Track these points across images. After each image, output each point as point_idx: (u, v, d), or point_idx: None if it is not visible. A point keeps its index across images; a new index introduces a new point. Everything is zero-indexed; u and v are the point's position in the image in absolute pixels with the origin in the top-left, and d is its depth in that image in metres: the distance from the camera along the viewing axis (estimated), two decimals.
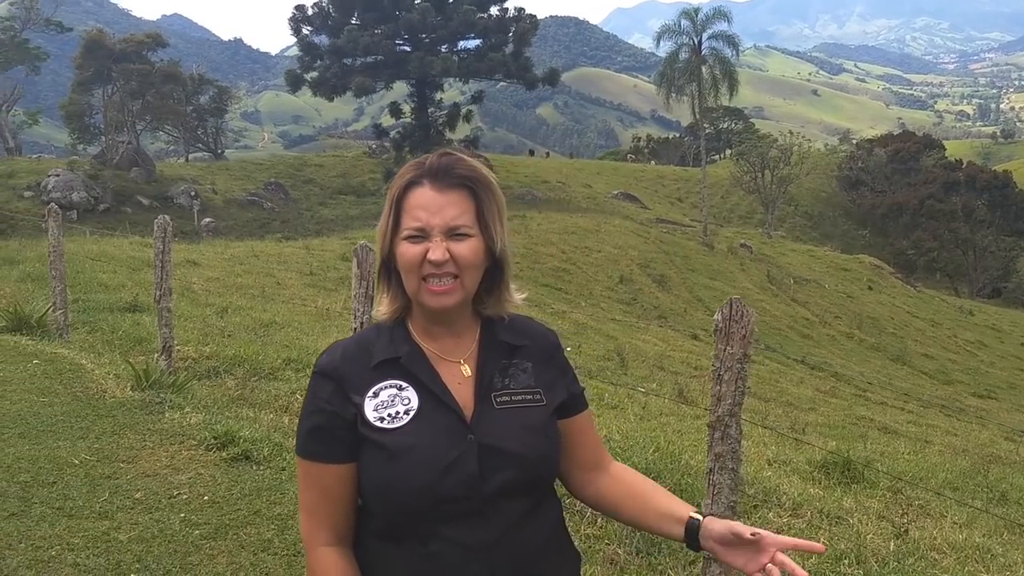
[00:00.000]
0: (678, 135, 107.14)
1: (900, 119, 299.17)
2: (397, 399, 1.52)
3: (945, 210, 58.17)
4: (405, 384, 1.53)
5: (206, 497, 4.46)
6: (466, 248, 1.52)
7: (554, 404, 1.61)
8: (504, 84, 54.33)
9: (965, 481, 7.24)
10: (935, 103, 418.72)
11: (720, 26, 40.53)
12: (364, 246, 4.58)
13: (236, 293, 13.12)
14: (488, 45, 44.42)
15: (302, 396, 1.62)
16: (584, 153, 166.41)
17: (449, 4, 43.19)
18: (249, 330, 9.88)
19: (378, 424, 1.49)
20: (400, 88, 46.17)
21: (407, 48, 43.78)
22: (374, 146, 51.07)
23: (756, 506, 4.81)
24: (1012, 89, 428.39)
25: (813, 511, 4.83)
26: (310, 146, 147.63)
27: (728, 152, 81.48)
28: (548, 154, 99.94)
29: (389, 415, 1.50)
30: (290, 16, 44.89)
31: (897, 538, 4.56)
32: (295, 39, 46.10)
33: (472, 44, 45.96)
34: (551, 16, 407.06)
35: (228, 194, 39.00)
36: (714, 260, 34.51)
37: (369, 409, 1.51)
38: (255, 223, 35.76)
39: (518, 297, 1.65)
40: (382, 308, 1.62)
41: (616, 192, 52.85)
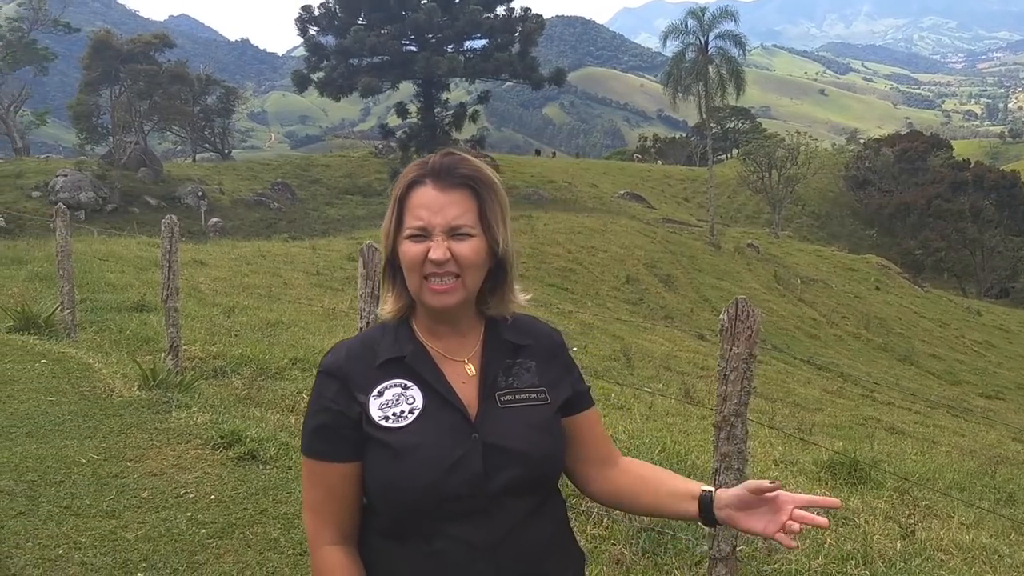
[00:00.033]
0: (685, 135, 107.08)
1: (907, 119, 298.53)
2: (402, 398, 1.52)
3: (953, 210, 57.99)
4: (410, 383, 1.54)
5: (212, 496, 4.47)
6: (467, 248, 1.52)
7: (558, 402, 1.61)
8: (510, 84, 54.35)
9: (972, 482, 7.22)
10: (943, 103, 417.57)
11: (727, 25, 40.47)
12: (370, 246, 4.58)
13: (243, 293, 13.15)
14: (494, 45, 44.45)
15: (308, 396, 1.62)
16: (590, 153, 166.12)
17: (455, 4, 43.25)
18: (256, 330, 9.90)
19: (383, 423, 1.50)
20: (406, 88, 46.24)
21: (413, 48, 43.85)
22: (380, 146, 51.15)
23: None
24: (1020, 88, 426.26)
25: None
26: (316, 146, 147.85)
27: (735, 152, 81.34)
28: (554, 154, 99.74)
29: (394, 414, 1.51)
30: (297, 17, 45.06)
31: (904, 539, 4.55)
32: (302, 39, 46.20)
33: (478, 44, 46.00)
34: (557, 16, 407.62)
35: (235, 194, 39.09)
36: (721, 260, 34.45)
37: (374, 408, 1.51)
38: (262, 223, 35.83)
39: (522, 298, 1.65)
40: (387, 307, 1.62)
41: (622, 192, 52.79)
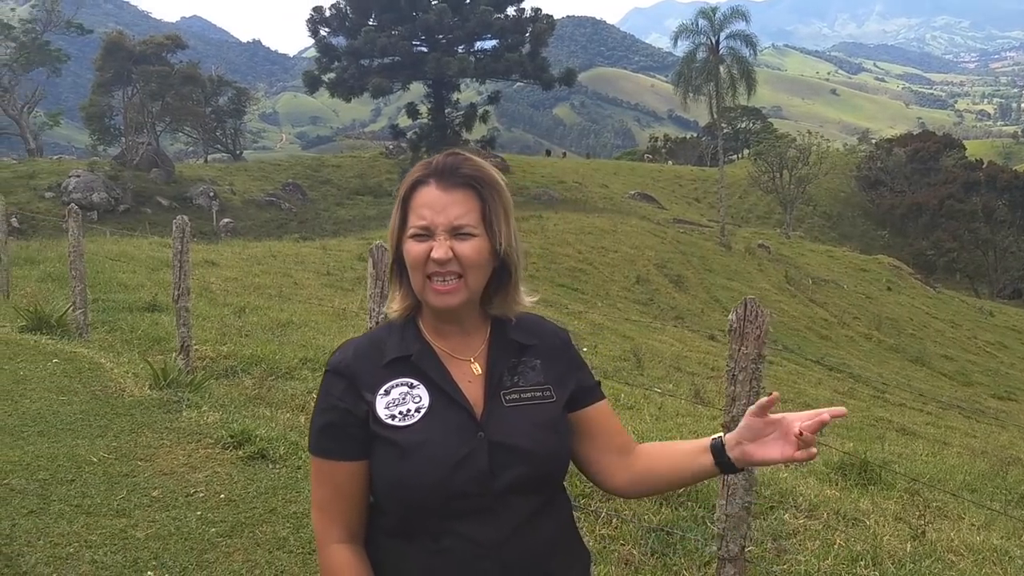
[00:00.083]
0: (695, 135, 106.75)
1: (920, 119, 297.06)
2: (408, 397, 1.53)
3: (965, 210, 57.68)
4: (416, 382, 1.55)
5: (222, 495, 4.49)
6: (469, 248, 1.52)
7: (564, 400, 1.62)
8: (521, 84, 54.37)
9: (984, 483, 7.18)
10: (955, 102, 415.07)
11: (738, 25, 40.36)
12: (379, 246, 4.59)
13: (254, 293, 13.18)
14: (505, 45, 44.46)
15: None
16: (601, 153, 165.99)
17: (466, 5, 43.29)
18: (266, 330, 9.93)
19: (389, 421, 1.51)
20: (417, 89, 46.33)
21: (424, 49, 43.92)
22: (391, 147, 51.21)
23: (772, 507, 4.79)
24: None
25: (829, 512, 4.80)
26: (328, 147, 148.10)
27: (746, 152, 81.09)
28: (565, 154, 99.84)
29: (400, 412, 1.52)
30: (308, 18, 45.22)
31: (914, 540, 4.53)
32: (313, 40, 46.36)
33: (489, 44, 46.03)
34: (568, 16, 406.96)
35: (246, 195, 39.18)
36: (732, 260, 34.38)
37: (381, 407, 1.52)
38: (273, 223, 35.91)
39: (528, 299, 1.66)
40: (394, 306, 1.63)
41: (633, 192, 52.73)
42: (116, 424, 5.54)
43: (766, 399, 1.52)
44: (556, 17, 49.31)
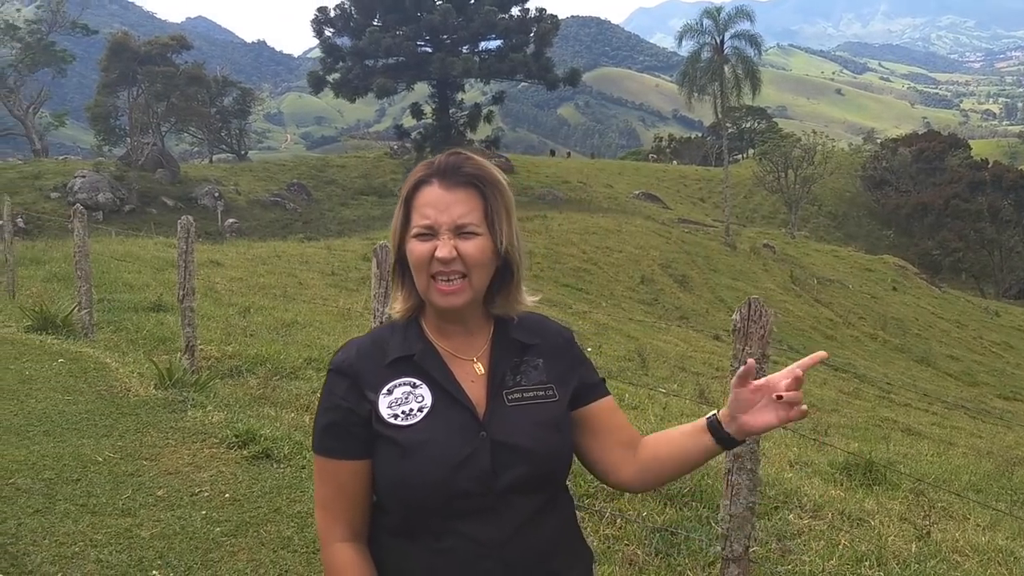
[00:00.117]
0: (700, 135, 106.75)
1: (925, 118, 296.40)
2: (411, 396, 1.53)
3: (971, 210, 57.52)
4: (419, 381, 1.55)
5: (227, 495, 4.50)
6: (473, 247, 1.53)
7: (567, 398, 1.62)
8: (525, 84, 54.35)
9: (989, 483, 7.17)
10: (961, 102, 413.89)
11: (742, 25, 40.34)
12: (383, 246, 4.59)
13: (258, 293, 13.20)
14: (509, 46, 44.48)
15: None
16: (605, 153, 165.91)
17: (470, 5, 43.30)
18: (271, 330, 9.94)
19: (392, 421, 1.51)
20: (421, 89, 46.34)
21: (428, 49, 43.95)
22: (396, 147, 51.24)
23: (777, 507, 4.79)
24: None
25: (834, 512, 4.79)
26: (332, 147, 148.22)
27: (751, 152, 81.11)
28: (569, 154, 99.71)
29: (403, 412, 1.52)
30: (312, 18, 45.28)
31: (919, 540, 4.53)
32: (317, 41, 46.41)
33: (493, 45, 46.04)
34: (572, 16, 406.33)
35: (251, 195, 39.24)
36: (737, 260, 34.34)
37: (383, 406, 1.52)
38: (278, 224, 35.96)
39: (530, 299, 1.66)
40: (396, 306, 1.64)
41: (638, 192, 52.71)
42: (121, 424, 5.55)
43: (743, 368, 1.51)
44: (560, 17, 49.27)
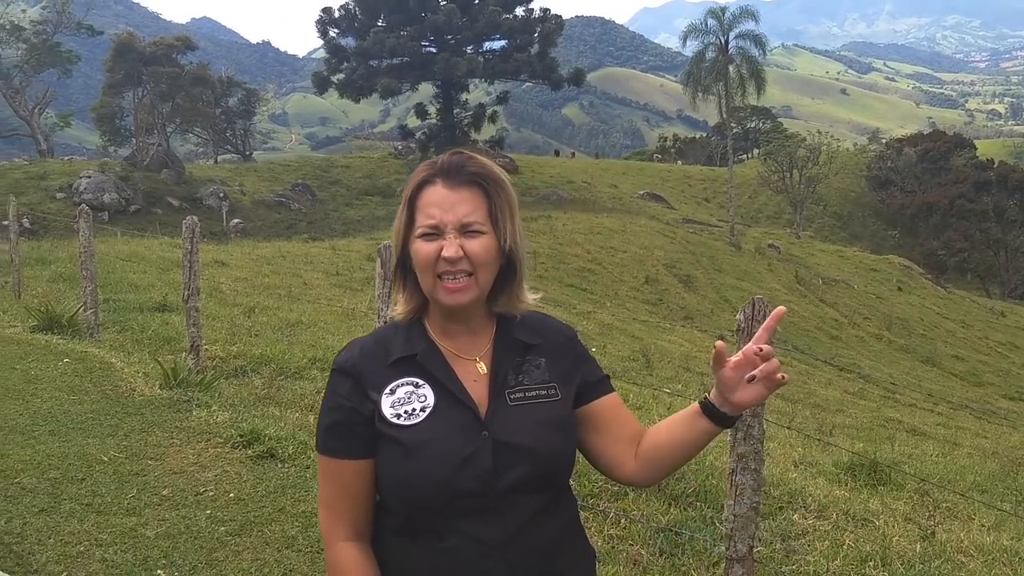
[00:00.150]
0: (705, 135, 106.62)
1: (930, 118, 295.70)
2: (414, 396, 1.54)
3: (976, 210, 57.39)
4: (421, 381, 1.55)
5: (232, 494, 4.50)
6: (478, 245, 1.53)
7: (570, 397, 1.62)
8: (530, 85, 54.40)
9: (994, 484, 7.16)
10: (966, 102, 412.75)
11: (747, 25, 40.32)
12: (388, 246, 4.60)
13: (263, 293, 13.22)
14: (513, 46, 44.51)
15: None
16: (610, 153, 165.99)
17: (475, 5, 43.33)
18: (276, 330, 9.96)
19: (395, 420, 1.52)
20: (426, 89, 46.40)
21: (433, 49, 43.98)
22: (400, 147, 51.29)
23: (781, 507, 4.78)
24: None
25: (839, 513, 4.79)
26: (337, 147, 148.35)
27: (756, 152, 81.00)
28: (574, 154, 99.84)
29: (406, 412, 1.52)
30: (317, 19, 45.36)
31: (923, 540, 4.52)
32: (322, 41, 46.49)
33: (497, 45, 46.08)
34: (577, 16, 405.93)
35: (256, 195, 39.26)
36: (741, 260, 34.30)
37: (386, 406, 1.53)
38: (282, 224, 35.97)
39: (531, 297, 1.66)
40: (398, 307, 1.64)
41: (642, 192, 52.68)
42: (126, 423, 5.56)
43: (713, 352, 1.51)
44: (565, 17, 49.28)
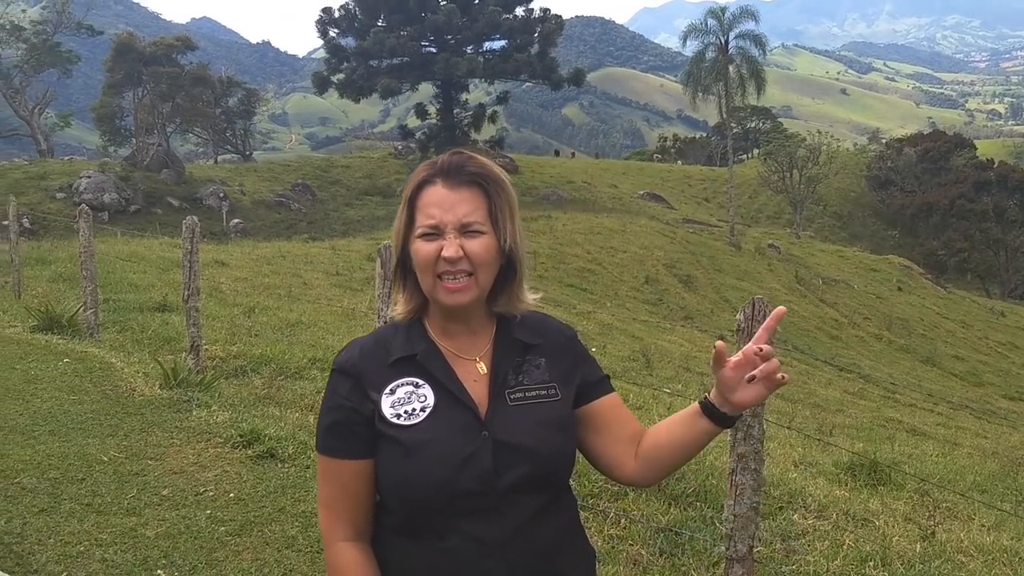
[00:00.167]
0: (705, 135, 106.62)
1: (930, 118, 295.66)
2: (414, 396, 1.54)
3: (976, 210, 57.39)
4: (421, 381, 1.55)
5: (232, 494, 4.50)
6: (479, 245, 1.53)
7: (570, 397, 1.62)
8: (530, 85, 54.40)
9: (994, 484, 7.16)
10: (966, 102, 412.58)
11: (747, 25, 40.33)
12: (388, 246, 4.60)
13: (263, 293, 13.22)
14: (513, 46, 44.52)
15: None
16: (610, 153, 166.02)
17: (475, 5, 43.33)
18: (276, 330, 9.95)
19: (395, 420, 1.52)
20: (426, 89, 46.40)
21: (433, 49, 43.98)
22: (400, 147, 51.30)
23: (781, 507, 4.78)
24: None
25: (839, 513, 4.79)
26: (337, 147, 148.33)
27: (756, 152, 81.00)
28: (574, 154, 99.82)
29: (406, 412, 1.52)
30: (317, 19, 45.37)
31: (923, 540, 4.52)
32: (322, 41, 46.49)
33: (497, 45, 46.09)
34: (577, 16, 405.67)
35: (256, 195, 39.26)
36: (741, 261, 34.30)
37: (386, 406, 1.53)
38: (282, 224, 35.97)
39: (531, 297, 1.66)
40: (398, 308, 1.64)
41: (642, 192, 52.68)
42: (126, 423, 5.56)
43: (714, 352, 1.51)
44: (565, 17, 49.29)
